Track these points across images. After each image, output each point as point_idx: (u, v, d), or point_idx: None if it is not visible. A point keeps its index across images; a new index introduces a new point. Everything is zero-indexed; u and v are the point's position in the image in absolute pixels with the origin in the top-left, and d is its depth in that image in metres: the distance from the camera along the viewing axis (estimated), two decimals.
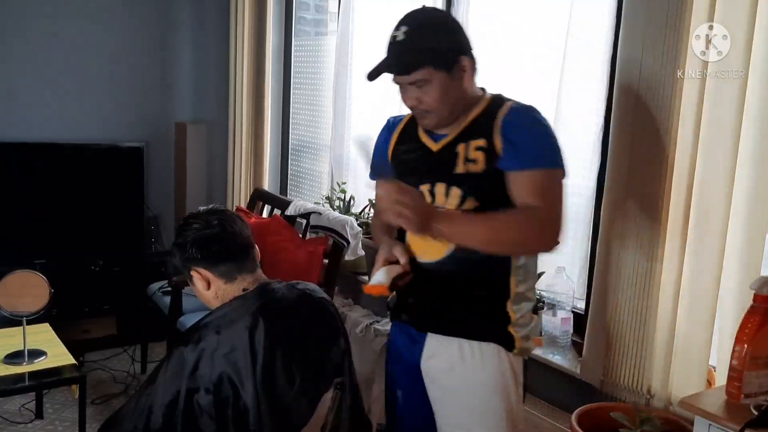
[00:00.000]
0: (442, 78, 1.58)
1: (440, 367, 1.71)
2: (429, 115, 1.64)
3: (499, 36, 2.69)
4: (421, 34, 1.58)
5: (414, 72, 1.58)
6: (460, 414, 1.70)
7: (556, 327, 2.33)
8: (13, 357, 2.54)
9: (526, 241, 1.57)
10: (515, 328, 1.66)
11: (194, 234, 1.65)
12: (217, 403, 1.53)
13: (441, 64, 1.58)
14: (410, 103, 1.64)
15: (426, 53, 1.57)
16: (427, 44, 1.57)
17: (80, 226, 3.97)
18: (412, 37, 1.57)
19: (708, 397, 1.64)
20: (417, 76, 1.58)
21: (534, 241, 1.58)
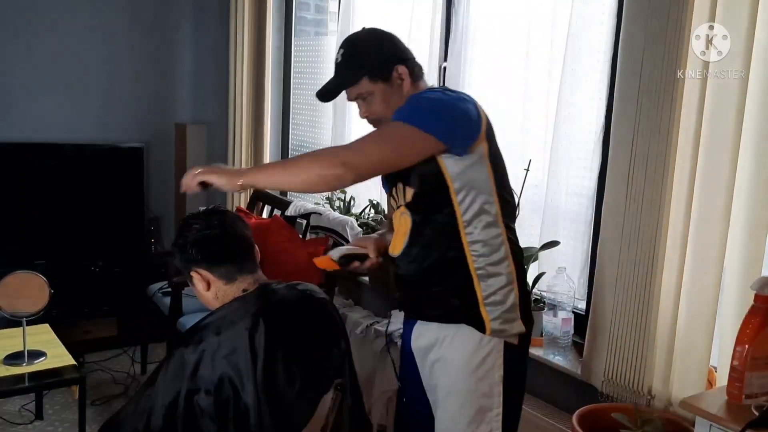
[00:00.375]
0: (382, 88, 1.73)
1: (424, 346, 1.79)
2: (380, 124, 1.76)
3: (499, 36, 2.69)
4: (355, 52, 1.76)
5: (353, 87, 1.74)
6: (434, 390, 1.77)
7: (557, 327, 2.33)
8: (13, 358, 2.54)
9: (318, 171, 1.59)
10: (487, 308, 1.68)
11: (194, 235, 1.65)
12: (217, 404, 1.52)
13: (377, 76, 1.72)
14: (362, 115, 1.79)
15: (361, 68, 1.73)
16: (362, 60, 1.74)
17: (80, 226, 3.97)
18: (348, 56, 1.76)
19: (709, 398, 1.64)
20: (358, 90, 1.74)
21: (322, 172, 1.59)
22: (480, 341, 1.69)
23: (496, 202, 1.69)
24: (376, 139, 1.65)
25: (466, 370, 1.70)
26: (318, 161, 1.61)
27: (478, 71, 2.75)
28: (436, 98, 1.68)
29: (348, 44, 1.78)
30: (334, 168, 1.57)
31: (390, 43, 1.78)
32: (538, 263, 2.48)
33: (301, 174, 1.61)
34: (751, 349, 1.54)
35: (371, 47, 1.76)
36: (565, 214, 2.45)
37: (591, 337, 2.17)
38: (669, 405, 1.95)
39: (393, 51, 1.76)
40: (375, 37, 1.80)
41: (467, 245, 1.68)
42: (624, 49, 2.03)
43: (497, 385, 1.72)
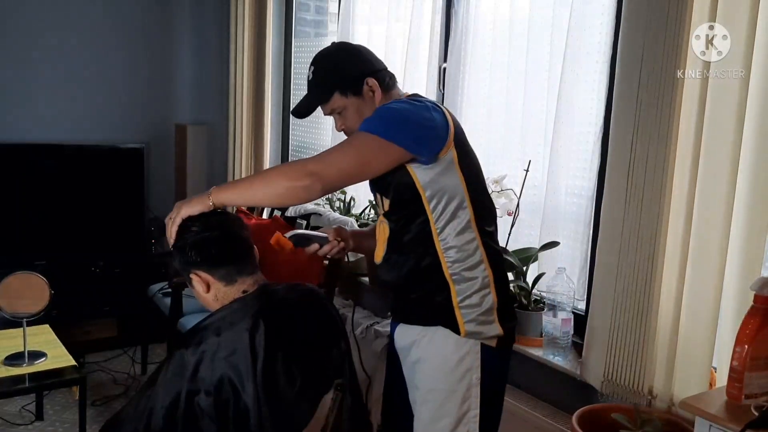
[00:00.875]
0: (354, 102, 1.77)
1: (405, 345, 1.82)
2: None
3: (499, 37, 2.70)
4: (325, 69, 1.79)
5: (326, 104, 1.78)
6: (413, 389, 1.79)
7: (557, 328, 2.33)
8: (13, 358, 2.54)
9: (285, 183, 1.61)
10: (462, 311, 1.70)
11: (194, 237, 1.64)
12: (217, 405, 1.52)
13: (347, 90, 1.76)
14: (338, 129, 1.83)
15: (331, 85, 1.76)
16: (332, 76, 1.77)
17: (81, 227, 3.97)
18: (318, 74, 1.79)
19: (709, 398, 1.64)
20: (331, 106, 1.78)
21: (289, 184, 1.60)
22: (456, 343, 1.71)
23: (469, 207, 1.71)
24: (342, 150, 1.66)
25: (443, 371, 1.73)
26: (285, 174, 1.62)
27: (477, 72, 2.75)
28: (401, 108, 1.69)
29: (317, 61, 1.81)
30: (301, 179, 1.58)
31: (359, 56, 1.81)
32: (538, 264, 2.49)
33: (269, 188, 1.63)
34: (751, 349, 1.54)
35: (340, 63, 1.79)
36: (564, 215, 2.45)
37: (590, 338, 2.17)
38: (670, 405, 1.95)
39: (362, 64, 1.79)
40: (343, 51, 1.85)
41: (441, 251, 1.71)
42: (623, 50, 2.03)
43: (474, 387, 1.73)
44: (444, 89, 2.85)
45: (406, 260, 1.75)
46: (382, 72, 1.80)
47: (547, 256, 2.45)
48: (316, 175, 1.58)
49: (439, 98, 2.87)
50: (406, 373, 1.83)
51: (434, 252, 1.71)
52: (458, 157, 1.70)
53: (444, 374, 1.72)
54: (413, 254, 1.73)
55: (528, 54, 2.57)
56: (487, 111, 2.75)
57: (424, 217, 1.70)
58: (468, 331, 1.70)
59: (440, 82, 2.86)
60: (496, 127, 2.72)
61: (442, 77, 2.86)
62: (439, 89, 2.87)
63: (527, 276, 2.48)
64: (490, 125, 2.74)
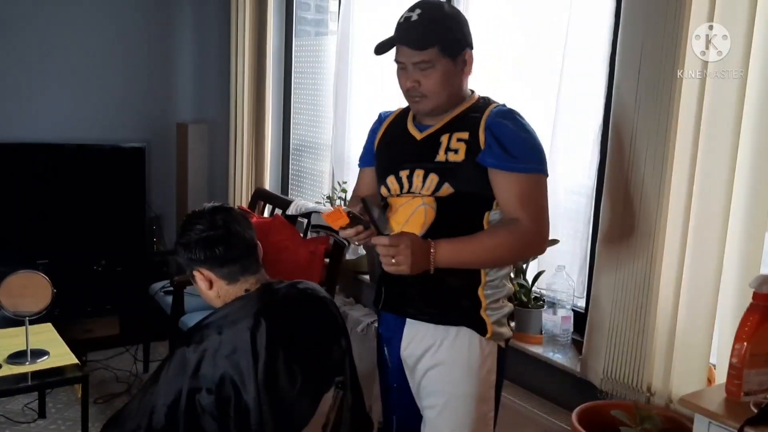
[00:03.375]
0: (446, 64, 1.65)
1: (417, 353, 1.76)
2: (424, 100, 1.69)
3: (498, 35, 2.70)
4: (434, 18, 1.65)
5: (423, 50, 1.63)
6: (432, 395, 1.75)
7: (557, 325, 2.33)
8: (15, 357, 2.55)
9: (516, 256, 1.73)
10: (487, 312, 1.70)
11: (198, 235, 1.64)
12: (219, 403, 1.53)
13: (447, 50, 1.64)
14: (409, 85, 1.68)
15: (437, 35, 1.63)
16: (439, 28, 1.64)
17: (82, 226, 3.97)
18: (425, 18, 1.63)
19: (708, 395, 1.64)
20: (424, 56, 1.63)
21: (524, 255, 1.78)
22: (480, 344, 1.71)
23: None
24: (544, 206, 1.68)
25: (469, 374, 1.71)
26: (520, 252, 1.73)
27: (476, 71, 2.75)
28: (535, 138, 1.70)
29: (428, 7, 1.66)
30: (538, 253, 1.81)
31: (468, 25, 1.73)
32: (538, 261, 2.49)
33: (503, 262, 1.72)
34: (750, 346, 1.54)
35: (452, 20, 1.68)
36: (564, 212, 2.45)
37: (590, 335, 2.18)
38: (669, 402, 1.96)
39: (468, 33, 1.72)
40: (457, 13, 1.74)
41: None
42: (623, 49, 2.03)
43: (492, 388, 1.75)
44: None
45: None
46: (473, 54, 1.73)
47: (546, 254, 2.44)
48: (545, 244, 1.71)
49: None
50: (414, 381, 1.79)
51: None
52: None
53: (470, 378, 1.71)
54: None
55: (527, 54, 2.57)
56: None
57: (482, 221, 1.69)
58: (494, 332, 1.71)
59: None
60: None
61: None
62: None
63: (527, 273, 2.49)
64: None
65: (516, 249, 1.67)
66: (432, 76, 1.65)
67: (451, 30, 1.66)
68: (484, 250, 1.64)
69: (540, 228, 1.65)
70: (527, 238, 1.65)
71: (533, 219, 1.63)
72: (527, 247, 1.69)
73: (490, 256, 1.66)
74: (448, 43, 1.64)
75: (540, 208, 1.66)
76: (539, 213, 1.65)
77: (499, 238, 1.64)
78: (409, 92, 1.70)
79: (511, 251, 1.67)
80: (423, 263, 1.59)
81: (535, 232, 1.64)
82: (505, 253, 1.67)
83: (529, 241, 1.66)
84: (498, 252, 1.65)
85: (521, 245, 1.66)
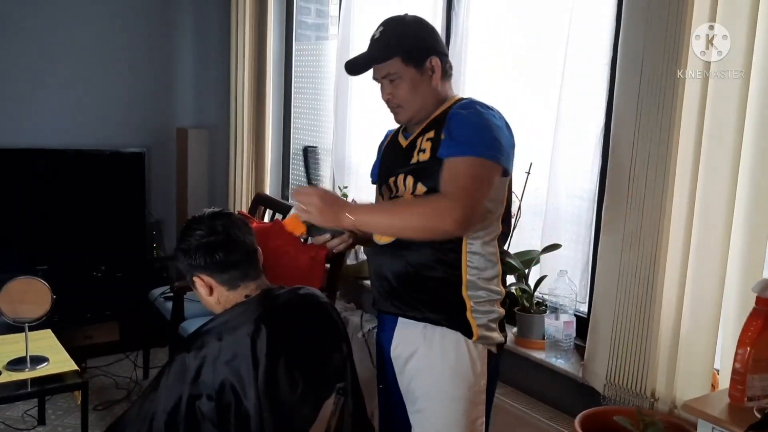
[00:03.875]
0: (411, 73, 1.70)
1: (405, 355, 1.77)
2: (401, 110, 1.75)
3: (499, 38, 2.70)
4: (393, 31, 1.74)
5: (384, 64, 1.71)
6: (420, 399, 1.74)
7: (559, 330, 2.32)
8: (15, 363, 2.54)
9: (425, 223, 1.59)
10: (473, 315, 1.69)
11: (198, 240, 1.63)
12: (219, 410, 1.52)
13: (410, 59, 1.70)
14: (385, 97, 1.76)
15: (397, 45, 1.71)
16: (398, 40, 1.72)
17: (82, 232, 3.97)
18: (386, 33, 1.74)
19: (711, 400, 1.63)
20: (389, 68, 1.71)
21: (432, 224, 1.58)
22: (467, 347, 1.70)
23: (499, 222, 1.73)
24: (473, 184, 1.59)
25: (453, 377, 1.70)
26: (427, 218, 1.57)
27: (478, 74, 2.76)
28: (497, 126, 1.66)
29: (388, 23, 1.76)
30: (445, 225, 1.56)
31: (432, 33, 1.78)
32: (540, 266, 2.48)
33: (409, 229, 1.61)
34: (753, 351, 1.53)
35: (412, 30, 1.75)
36: (566, 217, 2.45)
37: (592, 340, 2.17)
38: (673, 408, 1.95)
39: (433, 41, 1.76)
40: (419, 22, 1.79)
41: (466, 253, 1.69)
42: (624, 50, 2.03)
43: (482, 393, 1.74)
44: None
45: (425, 250, 1.69)
46: (446, 58, 1.76)
47: (548, 259, 2.45)
48: (459, 221, 1.55)
49: None
50: (403, 382, 1.79)
51: (459, 250, 1.69)
52: (510, 175, 1.72)
53: (458, 382, 1.70)
54: (438, 246, 1.68)
55: (528, 56, 2.57)
56: None
57: None
58: (480, 336, 1.70)
59: None
60: None
61: None
62: None
63: (529, 278, 2.48)
64: None
65: (425, 215, 1.58)
66: (401, 86, 1.72)
67: (411, 39, 1.72)
68: (397, 210, 1.65)
69: (455, 204, 1.56)
70: (439, 208, 1.57)
71: (452, 194, 1.59)
72: (436, 216, 1.56)
73: (400, 217, 1.62)
74: (409, 52, 1.70)
75: (463, 187, 1.59)
76: (461, 191, 1.59)
77: (412, 203, 1.66)
78: (388, 104, 1.78)
79: (420, 216, 1.59)
80: (331, 213, 1.59)
81: (448, 207, 1.57)
82: (414, 218, 1.59)
83: (440, 212, 1.56)
84: (407, 215, 1.61)
85: (430, 211, 1.58)
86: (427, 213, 1.58)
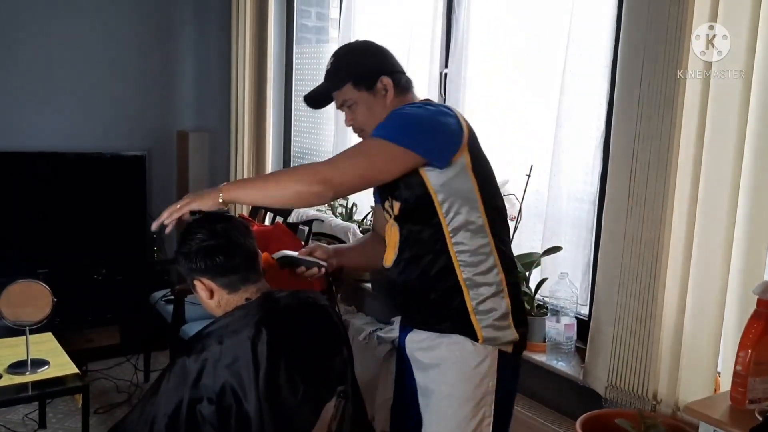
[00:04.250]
0: (365, 97, 1.76)
1: (419, 350, 1.80)
2: (364, 132, 1.79)
3: (499, 42, 2.70)
4: (342, 60, 1.81)
5: (338, 92, 1.78)
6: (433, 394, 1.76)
7: (560, 333, 2.32)
8: (16, 367, 2.54)
9: (297, 189, 1.62)
10: (477, 317, 1.69)
11: (198, 244, 1.63)
12: (219, 413, 1.52)
13: (360, 83, 1.76)
14: (347, 124, 1.83)
15: (346, 75, 1.77)
16: (347, 67, 1.78)
17: (83, 235, 3.97)
18: (335, 64, 1.81)
19: (713, 403, 1.63)
20: (343, 96, 1.78)
21: (300, 189, 1.62)
22: (474, 349, 1.70)
23: (482, 212, 1.71)
24: (355, 156, 1.67)
25: (460, 378, 1.71)
26: (297, 179, 1.63)
27: (478, 77, 2.76)
28: (414, 113, 1.69)
29: (338, 53, 1.84)
30: (314, 185, 1.60)
31: (379, 54, 1.82)
32: (541, 269, 2.48)
33: (281, 190, 1.65)
34: (754, 353, 1.53)
35: (359, 56, 1.82)
36: (566, 220, 2.45)
37: (594, 343, 2.17)
38: (675, 410, 1.94)
39: (380, 62, 1.80)
40: (365, 47, 1.86)
41: (454, 255, 1.70)
42: (624, 50, 2.02)
43: (490, 394, 1.73)
44: (445, 95, 2.85)
45: (418, 264, 1.73)
46: (399, 74, 1.80)
47: (549, 261, 2.45)
48: (328, 182, 1.60)
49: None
50: (418, 378, 1.81)
51: (447, 255, 1.70)
52: (471, 162, 1.70)
53: (460, 381, 1.71)
54: (426, 257, 1.72)
55: (529, 59, 2.57)
56: (488, 116, 2.75)
57: (437, 220, 1.69)
58: (486, 337, 1.69)
59: (442, 88, 2.87)
60: (498, 132, 2.72)
61: (443, 83, 2.86)
62: (440, 95, 2.88)
63: (530, 281, 2.48)
64: (492, 130, 2.74)
65: (296, 180, 1.63)
66: (358, 110, 1.77)
67: (359, 64, 1.78)
68: (271, 178, 1.74)
69: (326, 166, 1.64)
70: (310, 169, 1.67)
71: (331, 161, 1.67)
72: (306, 178, 1.62)
73: (274, 185, 1.67)
74: (359, 77, 1.75)
75: (343, 156, 1.68)
76: (338, 158, 1.68)
77: (287, 171, 1.81)
78: (353, 130, 1.83)
79: (291, 182, 1.64)
80: (208, 195, 1.62)
81: (317, 164, 1.66)
82: (288, 185, 1.64)
83: (308, 174, 1.63)
84: (282, 182, 1.66)
85: (300, 176, 1.64)
86: (298, 177, 1.64)
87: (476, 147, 1.73)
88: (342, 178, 1.62)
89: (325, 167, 1.64)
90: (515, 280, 1.78)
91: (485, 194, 1.72)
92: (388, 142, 1.63)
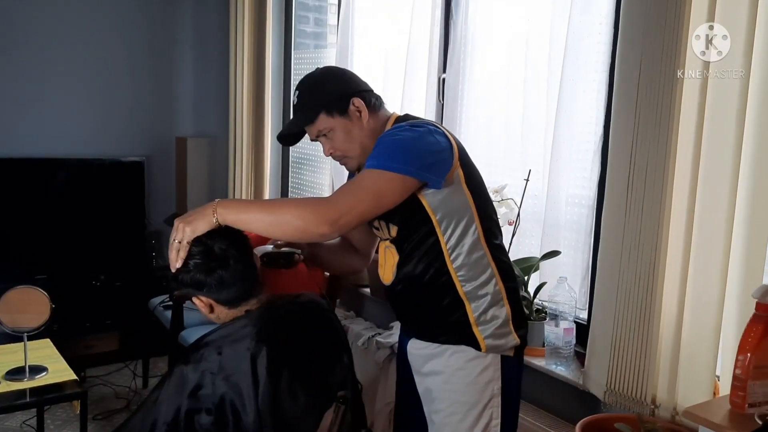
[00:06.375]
0: (341, 122, 1.73)
1: (421, 356, 1.80)
2: (347, 159, 1.79)
3: (497, 47, 2.71)
4: (308, 92, 1.77)
5: (312, 125, 1.74)
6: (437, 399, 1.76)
7: (559, 337, 2.32)
8: (14, 373, 2.53)
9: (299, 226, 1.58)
10: (479, 328, 1.70)
11: (197, 263, 1.60)
12: (218, 424, 1.52)
13: (333, 110, 1.73)
14: (327, 153, 1.79)
15: (316, 105, 1.73)
16: (316, 97, 1.74)
17: (82, 241, 3.97)
18: (302, 97, 1.77)
19: (712, 407, 1.62)
20: (318, 127, 1.74)
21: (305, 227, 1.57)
22: (477, 357, 1.71)
23: (477, 224, 1.71)
24: (356, 191, 1.62)
25: (464, 384, 1.72)
26: (300, 215, 1.57)
27: (476, 82, 2.76)
28: (405, 138, 1.66)
29: (302, 84, 1.79)
30: (319, 227, 1.56)
31: (343, 78, 1.80)
32: (539, 273, 2.48)
33: (282, 225, 1.59)
34: (754, 357, 1.53)
35: (325, 83, 1.77)
36: (565, 224, 2.44)
37: (593, 347, 2.16)
38: (674, 414, 1.94)
39: (347, 85, 1.77)
40: (327, 73, 1.83)
41: (453, 271, 1.71)
42: (622, 49, 2.01)
43: (496, 397, 1.73)
44: (444, 100, 2.85)
45: (419, 282, 1.73)
46: (368, 93, 1.78)
47: (548, 266, 2.45)
48: (335, 223, 1.56)
49: (438, 109, 2.87)
50: (422, 385, 1.81)
51: (447, 272, 1.70)
52: (464, 176, 1.70)
53: (466, 386, 1.72)
54: (425, 275, 1.72)
55: (527, 63, 2.57)
56: (486, 120, 2.76)
57: (435, 238, 1.70)
58: (489, 346, 1.71)
59: (440, 93, 2.87)
60: (496, 137, 2.72)
61: (441, 88, 2.87)
62: (438, 100, 2.88)
63: (529, 286, 2.47)
64: (490, 135, 2.75)
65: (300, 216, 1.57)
66: (336, 138, 1.74)
67: (328, 92, 1.74)
68: (273, 207, 1.64)
69: (329, 201, 1.60)
70: (312, 207, 1.60)
71: (334, 196, 1.63)
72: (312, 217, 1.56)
73: (275, 215, 1.60)
74: (330, 104, 1.72)
75: (344, 193, 1.63)
76: (339, 195, 1.62)
77: (291, 202, 1.70)
78: (334, 158, 1.80)
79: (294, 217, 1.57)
80: (201, 212, 1.57)
81: (321, 202, 1.61)
82: (290, 218, 1.57)
83: (314, 213, 1.57)
84: (283, 214, 1.59)
85: (305, 213, 1.57)
86: (302, 214, 1.58)
87: (466, 160, 1.74)
88: (348, 216, 1.58)
89: (328, 208, 1.58)
90: (514, 284, 1.78)
91: (479, 205, 1.73)
92: (387, 172, 1.61)
